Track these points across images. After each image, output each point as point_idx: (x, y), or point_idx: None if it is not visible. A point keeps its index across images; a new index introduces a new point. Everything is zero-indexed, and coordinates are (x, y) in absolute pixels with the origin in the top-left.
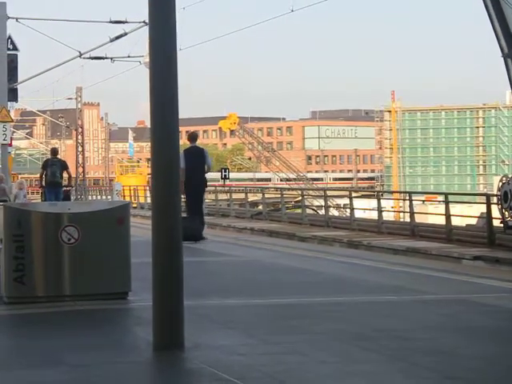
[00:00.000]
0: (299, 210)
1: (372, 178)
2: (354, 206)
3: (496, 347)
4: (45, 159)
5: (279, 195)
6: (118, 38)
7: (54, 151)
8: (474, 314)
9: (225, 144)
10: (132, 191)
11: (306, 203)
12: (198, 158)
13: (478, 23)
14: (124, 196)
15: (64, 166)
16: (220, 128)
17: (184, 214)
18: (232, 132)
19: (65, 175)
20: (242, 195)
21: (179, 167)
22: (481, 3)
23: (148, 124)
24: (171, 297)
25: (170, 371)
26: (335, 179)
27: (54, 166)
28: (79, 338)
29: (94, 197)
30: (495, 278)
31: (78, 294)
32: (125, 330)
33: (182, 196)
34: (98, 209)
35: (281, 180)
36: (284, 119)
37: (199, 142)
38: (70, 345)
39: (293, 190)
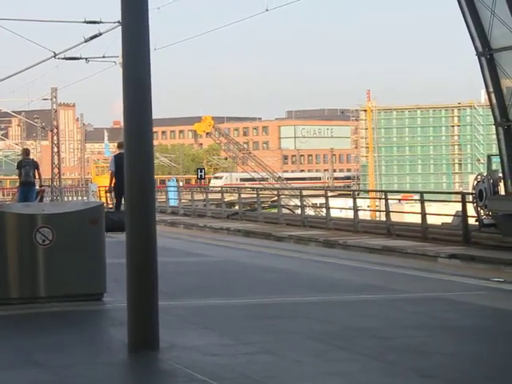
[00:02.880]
0: (275, 210)
1: (348, 178)
2: (330, 206)
3: (473, 345)
4: (19, 160)
5: (255, 195)
6: (92, 38)
7: (27, 152)
8: (451, 312)
9: (201, 144)
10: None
11: (282, 203)
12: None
13: (453, 22)
14: (100, 197)
15: (36, 165)
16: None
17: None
18: (207, 134)
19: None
20: (218, 195)
21: (153, 168)
22: (455, 2)
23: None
24: (146, 297)
25: (145, 372)
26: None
27: (27, 166)
28: (54, 339)
29: (70, 198)
30: (471, 276)
31: (53, 295)
32: (100, 331)
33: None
34: (72, 210)
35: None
36: (260, 119)
37: (175, 142)
38: (45, 346)
39: (268, 189)
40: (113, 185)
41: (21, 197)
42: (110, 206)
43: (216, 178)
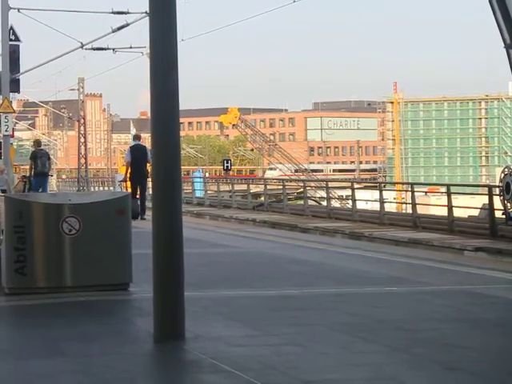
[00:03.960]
0: (301, 202)
1: (374, 170)
2: (356, 198)
3: (498, 338)
4: (32, 150)
5: (281, 186)
6: (119, 28)
7: (39, 143)
8: (476, 305)
9: (227, 135)
10: None
11: (308, 195)
12: (141, 153)
13: (481, 13)
14: (126, 187)
15: (49, 156)
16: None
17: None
18: (233, 125)
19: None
20: (244, 186)
21: (179, 159)
22: None
23: None
24: (172, 288)
25: (171, 362)
26: (334, 170)
27: (43, 157)
28: (80, 329)
29: (96, 188)
30: (497, 269)
31: (79, 285)
32: (126, 321)
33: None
34: (98, 199)
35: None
36: (286, 110)
37: (202, 133)
38: (72, 336)
39: (294, 181)
40: (128, 174)
41: (36, 186)
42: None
43: (271, 169)
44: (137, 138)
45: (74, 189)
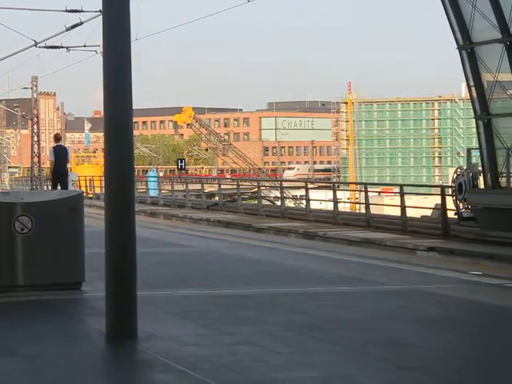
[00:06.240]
0: (255, 201)
1: (328, 170)
2: (311, 197)
3: (449, 337)
4: None
5: (235, 186)
6: (73, 27)
7: None
8: (428, 304)
9: (181, 135)
10: (88, 181)
11: (263, 194)
12: (62, 153)
13: (435, 15)
14: (80, 186)
15: None
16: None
17: None
18: (188, 125)
19: None
20: (199, 186)
21: (133, 158)
22: None
23: None
24: (124, 287)
25: (123, 362)
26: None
27: None
28: (32, 328)
29: (50, 187)
30: (449, 268)
31: (32, 284)
32: (78, 321)
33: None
34: (51, 198)
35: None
36: (241, 110)
37: (156, 132)
38: (23, 335)
39: (249, 180)
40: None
41: None
42: (90, 195)
43: (289, 169)
44: (58, 139)
45: (27, 188)
